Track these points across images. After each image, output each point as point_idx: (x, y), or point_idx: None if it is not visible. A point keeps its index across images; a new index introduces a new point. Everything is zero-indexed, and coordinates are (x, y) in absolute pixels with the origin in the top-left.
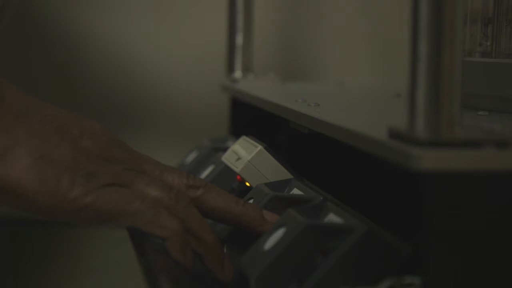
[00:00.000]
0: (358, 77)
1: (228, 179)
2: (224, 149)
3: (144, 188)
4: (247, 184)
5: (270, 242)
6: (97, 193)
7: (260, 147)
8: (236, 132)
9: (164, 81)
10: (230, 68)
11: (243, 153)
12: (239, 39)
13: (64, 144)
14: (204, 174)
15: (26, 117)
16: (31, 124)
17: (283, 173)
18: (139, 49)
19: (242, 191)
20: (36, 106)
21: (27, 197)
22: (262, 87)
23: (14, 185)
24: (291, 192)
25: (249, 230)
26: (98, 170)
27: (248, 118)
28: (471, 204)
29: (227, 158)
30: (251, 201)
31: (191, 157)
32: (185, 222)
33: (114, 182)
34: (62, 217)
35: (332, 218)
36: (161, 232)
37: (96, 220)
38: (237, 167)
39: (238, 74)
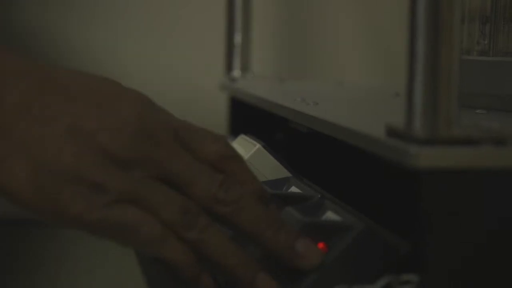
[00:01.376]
0: (357, 76)
1: None
2: None
3: (157, 207)
4: None
5: None
6: (101, 212)
7: (258, 145)
8: (235, 131)
9: (162, 80)
10: (229, 67)
11: (242, 151)
12: (238, 38)
13: (70, 146)
14: None
15: (29, 115)
16: (35, 123)
17: (281, 172)
18: (136, 48)
19: None
20: (49, 96)
21: (28, 208)
22: (261, 86)
23: (14, 197)
24: (290, 190)
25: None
26: (106, 181)
27: (247, 117)
28: (469, 202)
29: None
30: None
31: None
32: (199, 249)
33: (123, 199)
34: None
35: (330, 216)
36: (169, 262)
37: (101, 236)
38: None
39: (237, 73)
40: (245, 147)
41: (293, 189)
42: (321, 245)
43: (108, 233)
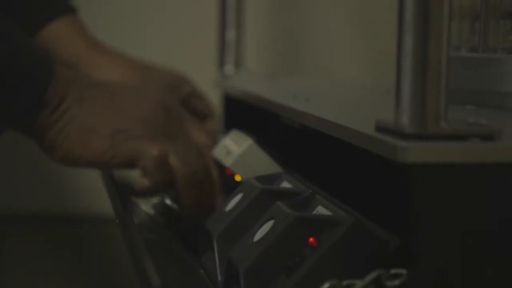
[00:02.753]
0: (350, 73)
1: None
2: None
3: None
4: (238, 177)
5: (259, 234)
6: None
7: (250, 140)
8: (228, 126)
9: None
10: (221, 63)
11: (234, 147)
12: (230, 34)
13: (112, 114)
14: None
15: (80, 99)
16: (83, 105)
17: (273, 167)
18: (128, 44)
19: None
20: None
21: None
22: (253, 83)
23: (67, 154)
24: (281, 185)
25: None
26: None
27: (239, 113)
28: (457, 196)
29: (218, 152)
30: (240, 195)
31: None
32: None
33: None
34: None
35: (321, 210)
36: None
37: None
38: (228, 161)
39: (229, 69)
40: (238, 142)
41: (285, 184)
42: (311, 239)
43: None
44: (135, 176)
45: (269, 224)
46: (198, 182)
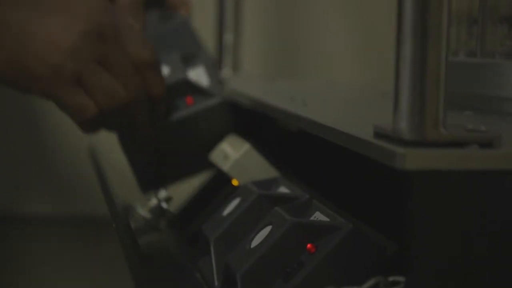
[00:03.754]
0: (348, 75)
1: None
2: None
3: (95, 91)
4: (235, 182)
5: (257, 239)
6: (60, 90)
7: (248, 145)
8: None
9: None
10: (219, 67)
11: (231, 151)
12: (228, 37)
13: (42, 32)
14: None
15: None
16: (17, 13)
17: (270, 171)
18: None
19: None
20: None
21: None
22: (251, 85)
23: None
24: (278, 191)
25: None
26: (65, 62)
27: (238, 116)
28: (455, 203)
29: (215, 156)
30: (237, 200)
31: None
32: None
33: (74, 78)
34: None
35: (319, 216)
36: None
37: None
38: (225, 166)
39: (227, 72)
40: (235, 146)
41: (282, 189)
42: (309, 245)
43: (58, 106)
44: (132, 179)
45: (267, 229)
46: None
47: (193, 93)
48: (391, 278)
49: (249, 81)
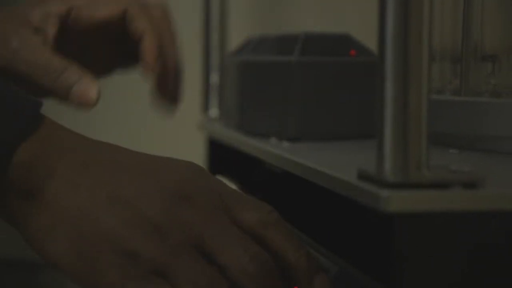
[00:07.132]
0: None
1: None
2: None
3: (182, 283)
4: None
5: None
6: (134, 284)
7: (234, 187)
8: (213, 171)
9: None
10: (206, 107)
11: None
12: (214, 78)
13: (109, 214)
14: None
15: (72, 186)
16: (77, 194)
17: None
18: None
19: None
20: (92, 168)
21: (69, 275)
22: None
23: (58, 265)
24: None
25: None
26: (143, 248)
27: (224, 157)
28: (440, 244)
29: None
30: None
31: None
32: None
33: (155, 269)
34: None
35: None
36: None
37: None
38: None
39: (213, 112)
40: None
41: None
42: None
43: None
44: None
45: None
46: None
47: None
48: None
49: None
